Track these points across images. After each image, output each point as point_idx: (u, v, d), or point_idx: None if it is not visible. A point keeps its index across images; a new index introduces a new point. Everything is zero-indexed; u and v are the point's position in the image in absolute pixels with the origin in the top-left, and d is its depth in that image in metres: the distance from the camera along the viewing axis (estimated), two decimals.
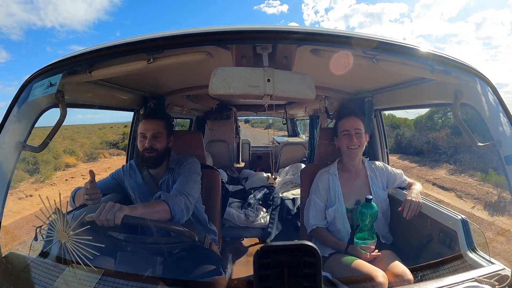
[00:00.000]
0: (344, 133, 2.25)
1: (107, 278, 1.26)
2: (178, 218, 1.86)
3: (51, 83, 1.46)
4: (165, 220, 1.79)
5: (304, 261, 0.82)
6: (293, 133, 8.85)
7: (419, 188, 2.19)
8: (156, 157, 2.13)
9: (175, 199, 1.90)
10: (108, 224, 1.49)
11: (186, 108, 4.47)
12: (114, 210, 1.50)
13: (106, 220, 1.48)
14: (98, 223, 1.48)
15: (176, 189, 2.03)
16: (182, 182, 2.08)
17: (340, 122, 2.31)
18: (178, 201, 1.89)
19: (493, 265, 1.43)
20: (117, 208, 1.52)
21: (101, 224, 1.48)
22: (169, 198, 1.88)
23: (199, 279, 1.72)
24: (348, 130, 2.23)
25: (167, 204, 1.83)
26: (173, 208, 1.83)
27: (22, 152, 1.57)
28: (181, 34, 1.28)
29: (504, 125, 1.49)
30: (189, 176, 2.14)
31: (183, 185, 2.05)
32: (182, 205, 1.90)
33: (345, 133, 2.25)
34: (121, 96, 2.66)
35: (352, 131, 2.22)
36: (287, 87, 1.34)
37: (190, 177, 2.14)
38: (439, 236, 1.88)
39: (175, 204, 1.86)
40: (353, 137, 2.21)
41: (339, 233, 2.18)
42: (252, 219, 3.60)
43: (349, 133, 2.22)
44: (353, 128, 2.22)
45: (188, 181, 2.10)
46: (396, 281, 1.62)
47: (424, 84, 2.11)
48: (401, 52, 1.39)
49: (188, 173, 2.16)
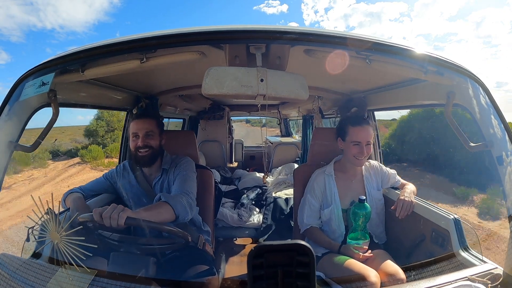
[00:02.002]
0: (355, 143, 2.19)
1: (100, 279, 1.25)
2: (182, 217, 1.86)
3: (43, 82, 1.44)
4: (170, 221, 1.80)
5: (297, 261, 0.82)
6: (286, 133, 8.85)
7: (412, 188, 2.20)
8: (150, 155, 2.13)
9: (176, 198, 1.90)
10: (110, 224, 1.48)
11: (179, 108, 4.46)
12: (118, 210, 1.50)
13: (109, 219, 1.47)
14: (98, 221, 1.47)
15: (176, 189, 2.04)
16: (181, 181, 2.09)
17: (352, 129, 2.22)
18: (180, 200, 1.89)
19: (485, 264, 1.44)
20: (121, 208, 1.51)
21: (102, 222, 1.48)
22: (170, 199, 1.88)
23: (193, 280, 1.71)
24: (360, 142, 2.17)
25: (169, 205, 1.82)
26: (176, 208, 1.83)
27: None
28: (174, 33, 1.28)
29: (496, 126, 1.50)
30: (187, 175, 2.15)
31: (183, 184, 2.06)
32: (185, 203, 1.90)
33: (355, 143, 2.19)
34: (114, 96, 2.64)
35: (364, 143, 2.17)
36: (280, 87, 1.34)
37: (188, 176, 2.14)
38: (431, 235, 1.89)
39: (177, 203, 1.85)
40: (364, 149, 2.16)
41: (333, 233, 2.18)
42: (245, 219, 3.62)
43: (360, 145, 2.17)
44: (365, 140, 2.17)
45: (187, 180, 2.11)
46: (389, 281, 1.62)
47: (417, 85, 2.12)
48: (394, 53, 1.40)
49: (185, 172, 2.16)
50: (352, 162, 2.25)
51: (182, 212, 1.86)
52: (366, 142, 2.17)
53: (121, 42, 1.34)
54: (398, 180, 2.37)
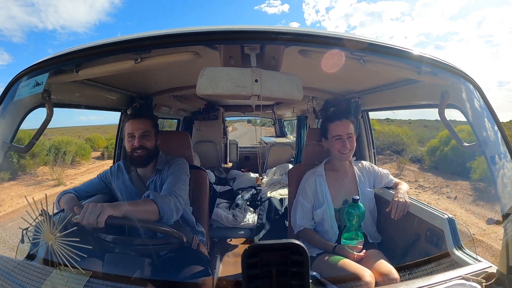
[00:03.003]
0: (336, 137, 2.23)
1: (94, 280, 1.25)
2: (166, 218, 1.84)
3: (38, 83, 1.44)
4: (153, 220, 1.77)
5: (292, 260, 0.82)
6: (280, 134, 8.88)
7: (405, 188, 2.21)
8: (146, 155, 2.12)
9: (164, 199, 1.88)
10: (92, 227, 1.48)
11: (173, 108, 4.47)
12: (96, 212, 1.49)
13: (88, 224, 1.47)
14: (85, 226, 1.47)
15: (165, 190, 2.02)
16: (171, 182, 2.07)
17: (331, 125, 2.27)
18: (167, 201, 1.87)
19: (479, 263, 1.45)
20: (99, 209, 1.50)
21: (87, 227, 1.48)
22: (158, 198, 1.86)
23: (187, 280, 1.72)
24: (341, 135, 2.21)
25: (156, 204, 1.80)
26: (162, 208, 1.81)
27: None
28: (169, 33, 1.28)
29: (490, 126, 1.51)
30: (178, 176, 2.13)
31: (172, 186, 2.03)
32: (172, 206, 1.88)
33: (337, 137, 2.22)
34: (109, 96, 2.64)
35: (345, 136, 2.20)
36: (274, 87, 1.35)
37: (179, 178, 2.12)
38: (426, 235, 1.90)
39: (164, 203, 1.84)
40: (346, 142, 2.20)
41: (326, 233, 2.19)
42: (240, 219, 3.63)
43: (342, 138, 2.21)
44: (345, 133, 2.20)
45: (177, 182, 2.08)
46: (383, 280, 1.63)
47: (411, 85, 2.14)
48: (389, 53, 1.40)
49: (177, 173, 2.14)
50: (338, 158, 2.27)
51: (168, 213, 1.84)
52: (346, 134, 2.21)
53: (115, 42, 1.34)
54: (391, 180, 2.38)
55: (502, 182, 1.43)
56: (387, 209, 2.07)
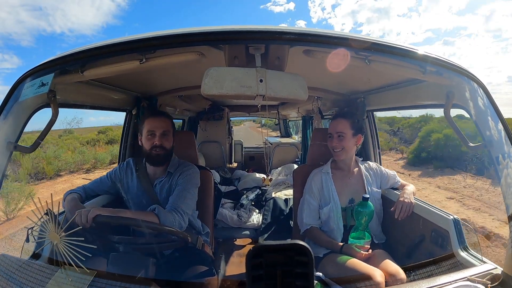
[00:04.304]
0: (329, 135, 2.29)
1: (99, 280, 1.25)
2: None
3: (43, 83, 1.44)
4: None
5: (296, 261, 0.82)
6: (285, 134, 8.87)
7: (411, 189, 2.20)
8: (164, 155, 2.11)
9: (168, 216, 1.88)
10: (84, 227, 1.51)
11: (178, 108, 4.47)
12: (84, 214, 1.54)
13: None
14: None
15: (171, 204, 2.00)
16: (179, 196, 2.05)
17: (329, 124, 2.34)
18: (172, 219, 1.88)
19: (485, 264, 1.43)
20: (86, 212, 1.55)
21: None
22: (162, 214, 1.86)
23: (192, 280, 1.72)
24: (331, 133, 2.26)
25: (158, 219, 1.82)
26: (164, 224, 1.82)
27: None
28: (173, 34, 1.28)
29: (496, 126, 1.50)
30: (187, 190, 2.10)
31: (179, 201, 2.01)
32: (176, 224, 1.88)
33: (329, 135, 2.28)
34: (113, 96, 2.65)
35: (334, 134, 2.24)
36: (279, 87, 1.35)
37: (188, 191, 2.10)
38: (431, 235, 1.89)
39: (166, 221, 1.84)
40: (334, 140, 2.23)
41: (332, 232, 2.18)
42: (244, 219, 3.63)
43: (332, 136, 2.25)
44: (335, 131, 2.24)
45: (186, 197, 2.06)
46: (390, 281, 1.63)
47: (416, 85, 2.13)
48: (393, 53, 1.40)
49: (186, 185, 2.12)
50: (333, 156, 2.31)
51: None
52: (336, 133, 2.23)
53: (120, 42, 1.34)
54: (398, 181, 2.36)
55: (508, 182, 1.42)
56: (392, 209, 2.07)
